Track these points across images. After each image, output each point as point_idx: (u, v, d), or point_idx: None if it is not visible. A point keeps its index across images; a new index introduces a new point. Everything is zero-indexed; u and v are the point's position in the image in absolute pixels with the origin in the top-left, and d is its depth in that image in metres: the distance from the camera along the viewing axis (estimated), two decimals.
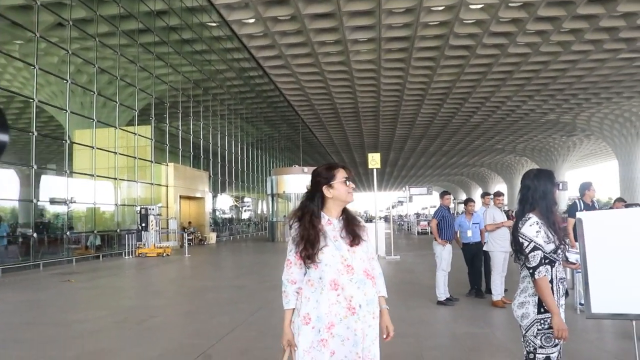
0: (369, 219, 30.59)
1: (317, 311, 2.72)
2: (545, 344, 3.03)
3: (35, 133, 17.05)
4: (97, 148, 20.74)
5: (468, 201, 9.90)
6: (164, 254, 20.52)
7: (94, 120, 20.59)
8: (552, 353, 3.05)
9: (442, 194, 9.58)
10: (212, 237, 30.36)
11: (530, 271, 3.03)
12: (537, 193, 3.15)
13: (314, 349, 2.70)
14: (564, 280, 3.09)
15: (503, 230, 8.43)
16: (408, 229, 45.14)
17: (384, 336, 2.82)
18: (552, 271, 3.04)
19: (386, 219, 37.08)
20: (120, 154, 22.51)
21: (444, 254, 8.76)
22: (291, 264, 2.81)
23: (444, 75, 30.48)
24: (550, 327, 3.00)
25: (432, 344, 6.17)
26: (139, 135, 24.15)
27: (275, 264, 3.48)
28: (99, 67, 21.09)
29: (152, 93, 25.40)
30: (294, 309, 2.79)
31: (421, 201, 71.49)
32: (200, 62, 30.73)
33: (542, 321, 3.03)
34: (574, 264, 2.99)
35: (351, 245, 2.79)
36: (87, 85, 20.91)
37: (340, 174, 2.86)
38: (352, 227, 2.84)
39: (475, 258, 9.39)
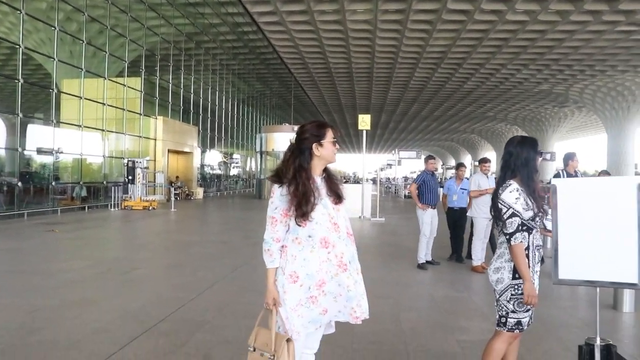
0: (357, 181, 30.70)
1: (306, 269, 2.72)
2: (517, 309, 3.08)
3: (22, 80, 16.78)
4: (86, 98, 20.48)
5: (459, 166, 9.96)
6: (150, 208, 20.53)
7: (82, 70, 20.27)
8: (523, 318, 3.11)
9: (427, 159, 9.49)
10: (199, 193, 30.37)
11: (507, 237, 3.05)
12: (519, 160, 3.12)
13: (302, 307, 2.72)
14: (540, 247, 3.11)
15: (487, 197, 8.47)
16: (395, 192, 45.37)
17: None
18: (529, 238, 3.04)
19: (374, 181, 37.22)
20: (109, 105, 22.26)
21: (425, 219, 8.78)
22: (277, 222, 2.75)
23: (439, 40, 30.13)
24: (522, 293, 3.04)
25: (409, 306, 6.26)
26: (129, 87, 23.86)
27: (261, 221, 3.51)
28: (89, 16, 20.65)
29: (143, 44, 24.99)
30: (277, 267, 2.77)
31: (410, 165, 71.61)
32: (194, 15, 30.18)
33: (515, 287, 3.07)
34: (551, 231, 3.03)
35: (335, 204, 2.80)
36: (76, 33, 20.49)
37: (330, 134, 2.84)
38: (335, 186, 2.84)
39: (457, 223, 9.47)
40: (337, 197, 2.82)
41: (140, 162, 21.57)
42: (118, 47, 23.28)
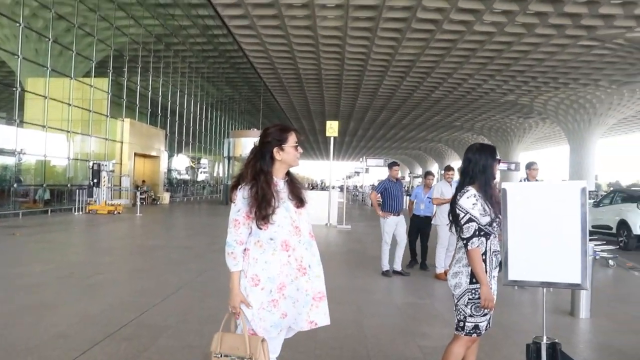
0: (324, 188, 30.78)
1: (267, 272, 2.73)
2: (474, 313, 3.13)
3: None
4: (51, 98, 20.11)
5: (427, 174, 10.09)
6: (115, 212, 20.24)
7: (48, 68, 19.91)
8: (481, 322, 3.16)
9: (390, 165, 9.38)
10: (166, 198, 30.08)
11: (464, 242, 3.11)
12: (477, 167, 3.17)
13: (264, 310, 2.73)
14: (498, 253, 3.12)
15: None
16: (362, 200, 45.60)
17: None
18: (486, 243, 3.09)
19: (341, 188, 37.34)
20: (74, 106, 21.89)
21: (386, 227, 8.79)
22: (240, 224, 2.75)
23: (408, 48, 30.47)
24: (479, 297, 3.10)
25: (372, 312, 6.31)
26: (96, 87, 23.52)
27: (226, 227, 3.55)
28: (56, 13, 20.32)
29: (112, 45, 24.68)
30: (241, 270, 2.77)
31: (378, 173, 72.04)
32: (164, 16, 29.93)
33: (473, 291, 3.12)
34: None
35: (297, 207, 2.82)
36: (42, 31, 20.13)
37: (292, 138, 2.85)
38: (297, 190, 2.86)
39: (422, 231, 9.59)
40: (299, 201, 2.84)
41: (105, 165, 21.26)
42: (86, 46, 22.95)
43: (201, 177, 42.87)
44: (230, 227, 2.78)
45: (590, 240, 9.93)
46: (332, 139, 19.67)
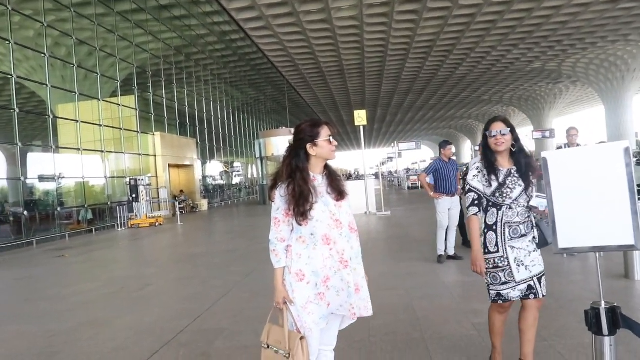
0: (359, 177, 30.73)
1: (311, 266, 2.76)
2: (492, 282, 3.31)
3: (17, 110, 16.87)
4: (82, 121, 20.54)
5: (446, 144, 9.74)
6: (157, 224, 20.59)
7: (76, 93, 20.34)
8: (502, 290, 3.29)
9: (441, 145, 9.06)
10: (204, 204, 30.45)
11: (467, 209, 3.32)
12: (482, 141, 3.41)
13: (312, 304, 2.76)
14: (516, 224, 3.23)
15: None
16: (398, 185, 45.40)
17: None
18: (497, 214, 3.26)
19: (376, 175, 37.20)
20: (105, 126, 22.32)
21: (439, 208, 8.48)
22: (280, 222, 2.80)
23: (427, 28, 30.13)
24: (494, 267, 3.25)
25: (421, 295, 6.28)
26: (123, 105, 23.93)
27: (266, 226, 3.59)
28: (77, 39, 20.73)
29: (134, 62, 25.06)
30: (284, 267, 2.81)
31: (411, 156, 71.53)
32: (180, 28, 30.25)
33: (487, 260, 3.28)
34: (536, 208, 3.20)
35: (337, 200, 2.83)
36: (66, 58, 20.58)
37: (325, 132, 2.84)
38: (336, 183, 2.86)
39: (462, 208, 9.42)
40: (339, 194, 2.84)
41: (142, 180, 21.63)
42: (109, 67, 23.36)
43: (236, 180, 43.24)
44: (272, 225, 2.83)
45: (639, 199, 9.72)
46: (361, 127, 19.61)
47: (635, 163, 16.52)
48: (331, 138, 2.85)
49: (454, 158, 9.08)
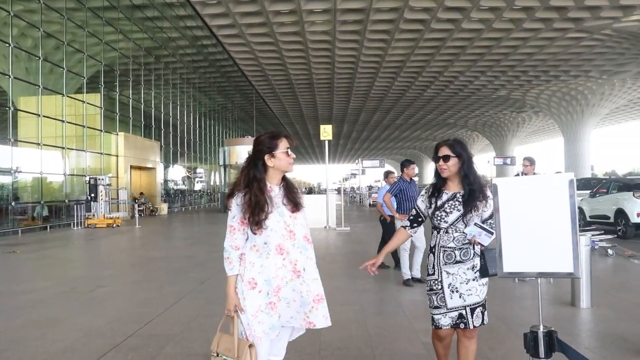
0: (321, 191, 30.82)
1: (264, 275, 2.79)
2: (428, 304, 3.37)
3: None
4: (44, 116, 20.13)
5: (388, 173, 9.65)
6: (114, 225, 20.26)
7: (39, 87, 19.94)
8: (435, 315, 3.30)
9: (404, 164, 8.66)
10: (164, 208, 30.08)
11: None
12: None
13: (262, 312, 2.78)
14: (450, 249, 3.19)
15: None
16: (360, 201, 45.64)
17: None
18: (436, 237, 3.31)
19: (338, 191, 37.37)
20: (68, 122, 21.91)
21: None
22: (235, 230, 2.84)
23: (398, 49, 30.60)
24: (430, 289, 3.31)
25: (375, 311, 6.36)
26: (88, 103, 23.55)
27: (225, 235, 3.60)
28: (45, 31, 20.35)
29: (102, 60, 24.72)
30: (237, 274, 2.84)
31: (374, 174, 72.16)
32: (152, 29, 30.00)
33: (426, 282, 3.40)
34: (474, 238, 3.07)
35: (292, 212, 2.87)
36: (32, 50, 20.17)
37: (283, 144, 2.88)
38: (292, 195, 2.90)
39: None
40: (294, 206, 2.88)
41: (102, 179, 21.27)
42: (76, 63, 22.99)
43: (198, 186, 42.89)
44: (227, 233, 2.87)
45: (588, 230, 10.01)
46: (326, 142, 19.74)
47: (588, 195, 16.90)
48: (289, 150, 2.89)
49: (416, 179, 8.97)
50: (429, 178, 9.27)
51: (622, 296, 7.09)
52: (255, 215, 2.76)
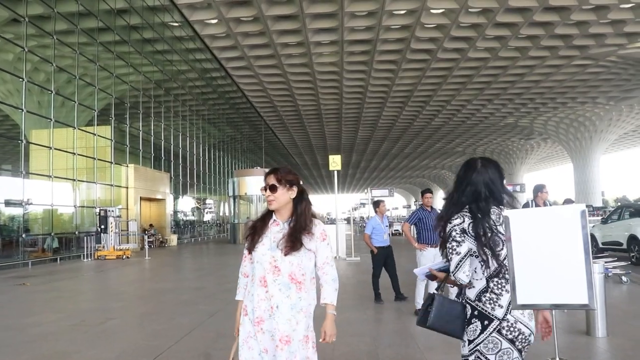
0: (331, 221, 30.73)
1: (251, 304, 2.84)
2: None
3: None
4: (55, 148, 20.34)
5: (379, 203, 9.47)
6: (124, 257, 20.25)
7: (51, 120, 20.19)
8: None
9: (423, 193, 8.55)
10: (173, 239, 30.08)
11: None
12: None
13: (252, 339, 2.81)
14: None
15: None
16: None
17: (320, 339, 2.85)
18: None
19: (348, 220, 37.25)
20: (79, 154, 22.11)
21: (423, 260, 7.88)
22: (245, 257, 2.95)
23: (405, 79, 30.86)
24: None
25: (387, 343, 6.29)
26: (99, 135, 23.78)
27: (236, 266, 3.56)
28: (57, 66, 20.69)
29: (112, 93, 25.04)
30: (242, 300, 2.94)
31: (386, 203, 72.00)
32: (162, 62, 30.43)
33: None
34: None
35: (285, 254, 2.80)
36: (44, 84, 20.49)
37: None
38: (294, 234, 2.83)
39: (388, 261, 9.10)
40: (291, 246, 2.80)
41: (112, 211, 21.35)
42: (87, 96, 23.30)
43: (207, 217, 42.92)
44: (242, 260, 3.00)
45: (601, 257, 9.91)
46: (335, 172, 19.75)
47: (599, 222, 16.77)
48: (261, 188, 2.90)
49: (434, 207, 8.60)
50: (438, 206, 8.96)
51: (639, 325, 6.97)
52: (247, 241, 2.90)
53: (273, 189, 2.85)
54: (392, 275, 9.08)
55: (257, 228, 2.88)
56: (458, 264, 2.60)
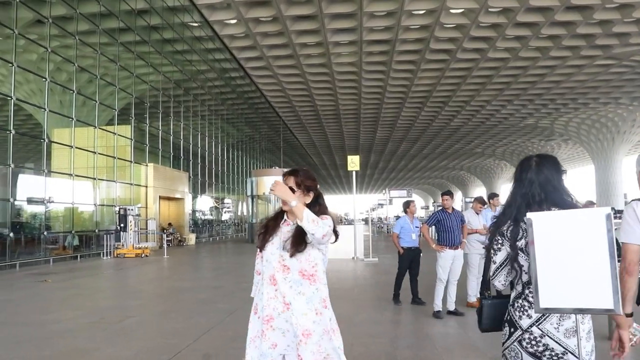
0: (349, 222, 30.68)
1: (261, 302, 2.88)
2: None
3: (13, 131, 16.90)
4: (76, 147, 20.58)
5: (409, 203, 9.46)
6: (143, 255, 20.42)
7: (73, 119, 20.44)
8: None
9: (442, 195, 8.62)
10: (192, 238, 30.26)
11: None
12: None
13: (258, 338, 2.85)
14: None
15: (478, 235, 8.54)
16: (388, 232, 45.31)
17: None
18: None
19: (366, 221, 37.18)
20: (99, 153, 22.35)
21: (441, 262, 8.02)
22: (258, 255, 3.02)
23: (424, 79, 30.72)
24: None
25: (405, 344, 6.25)
26: (119, 135, 24.01)
27: (253, 265, 3.57)
28: (79, 66, 20.93)
29: (133, 92, 25.26)
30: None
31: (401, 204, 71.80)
32: (182, 62, 30.63)
33: None
34: None
35: (291, 256, 2.82)
36: (66, 83, 20.75)
37: None
38: (301, 235, 2.82)
39: (413, 264, 9.02)
40: (296, 246, 2.81)
41: (131, 210, 21.55)
42: (108, 95, 23.53)
43: (225, 216, 43.09)
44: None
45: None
46: (354, 173, 19.72)
47: None
48: (271, 188, 2.81)
49: (457, 208, 8.59)
50: (456, 207, 8.89)
51: None
52: (258, 240, 2.96)
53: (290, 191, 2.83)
54: (413, 277, 9.02)
55: (269, 227, 2.94)
56: (494, 272, 2.58)
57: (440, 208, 8.60)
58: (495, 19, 22.70)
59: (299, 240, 2.81)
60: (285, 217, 2.95)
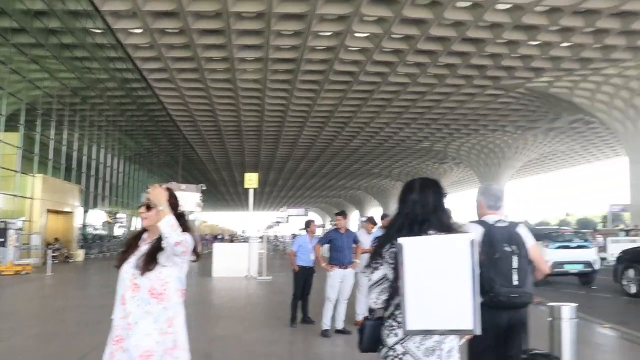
0: (244, 239, 30.36)
1: (115, 321, 2.80)
2: None
3: None
4: None
5: (310, 223, 9.50)
6: (23, 272, 19.08)
7: None
8: None
9: (336, 214, 8.68)
10: (80, 254, 28.68)
11: None
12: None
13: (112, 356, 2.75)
14: None
15: (368, 255, 8.62)
16: (283, 250, 45.32)
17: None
18: None
19: (261, 238, 36.99)
20: None
21: (329, 281, 8.00)
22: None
23: (327, 99, 31.24)
24: None
25: None
26: (5, 142, 22.48)
27: None
28: None
29: (24, 98, 23.80)
30: None
31: (299, 222, 72.14)
32: (80, 69, 29.23)
33: None
34: None
35: (142, 274, 2.78)
36: None
37: None
38: (152, 253, 2.79)
39: (307, 283, 8.97)
40: (148, 264, 2.77)
41: (13, 223, 20.15)
42: None
43: (118, 231, 41.39)
44: None
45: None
46: (251, 190, 19.65)
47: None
48: (139, 205, 2.91)
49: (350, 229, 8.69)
50: (353, 227, 9.04)
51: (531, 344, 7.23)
52: (117, 257, 2.94)
53: (149, 207, 2.84)
54: (304, 296, 9.01)
55: (130, 246, 2.88)
56: (369, 289, 2.65)
57: (335, 227, 8.64)
58: (397, 44, 23.56)
59: (150, 259, 2.76)
60: (144, 235, 2.90)
